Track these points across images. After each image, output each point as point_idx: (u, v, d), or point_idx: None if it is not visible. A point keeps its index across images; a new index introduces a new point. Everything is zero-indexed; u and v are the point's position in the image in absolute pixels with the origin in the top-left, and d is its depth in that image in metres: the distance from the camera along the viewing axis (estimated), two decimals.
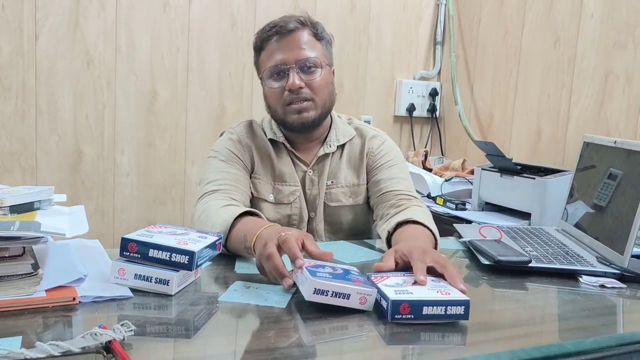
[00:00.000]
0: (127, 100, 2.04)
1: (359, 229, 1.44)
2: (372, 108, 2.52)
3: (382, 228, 1.25)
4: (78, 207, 1.04)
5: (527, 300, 0.99)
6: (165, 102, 2.10)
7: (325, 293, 0.81)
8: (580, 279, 1.07)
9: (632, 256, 1.10)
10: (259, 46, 1.34)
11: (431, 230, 1.16)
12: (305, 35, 1.31)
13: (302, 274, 0.85)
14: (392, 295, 0.81)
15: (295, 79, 1.27)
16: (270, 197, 1.36)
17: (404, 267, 0.95)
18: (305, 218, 1.39)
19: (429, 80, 2.67)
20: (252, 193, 1.36)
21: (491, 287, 1.04)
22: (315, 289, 0.81)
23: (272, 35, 1.30)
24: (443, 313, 0.80)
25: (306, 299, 0.82)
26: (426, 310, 0.80)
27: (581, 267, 1.10)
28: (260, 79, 1.36)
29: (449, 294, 0.82)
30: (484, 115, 2.45)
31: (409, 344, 0.76)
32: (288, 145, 1.38)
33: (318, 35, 1.33)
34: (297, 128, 1.32)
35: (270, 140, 1.38)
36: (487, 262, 1.11)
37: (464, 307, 0.80)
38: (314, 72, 1.30)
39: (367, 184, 1.41)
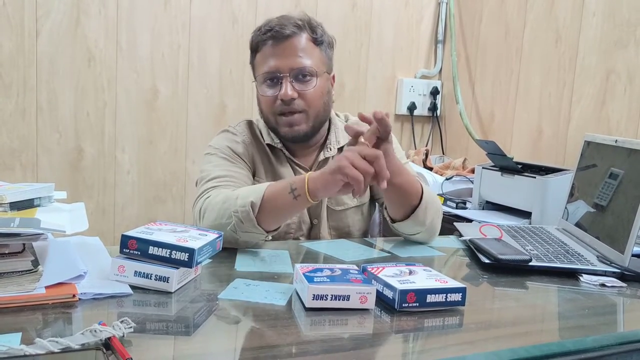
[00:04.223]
0: (127, 98, 2.04)
1: (365, 229, 1.42)
2: (373, 106, 2.52)
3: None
4: (78, 204, 1.03)
5: (528, 298, 0.99)
6: (166, 100, 2.10)
7: (324, 297, 0.82)
8: (580, 277, 1.07)
9: (633, 255, 1.10)
10: (254, 47, 1.28)
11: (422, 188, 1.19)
12: (302, 41, 1.24)
13: (300, 282, 0.85)
14: (398, 285, 0.84)
15: (288, 89, 1.21)
16: None
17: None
18: (305, 227, 1.34)
19: (430, 78, 2.67)
20: None
21: (492, 285, 1.04)
22: (314, 294, 0.81)
23: (267, 38, 1.24)
24: (444, 300, 0.85)
25: (306, 306, 0.82)
26: (429, 298, 0.84)
27: (581, 266, 1.10)
28: (254, 81, 1.31)
29: (446, 282, 0.87)
30: (485, 114, 2.44)
31: (409, 342, 0.76)
32: (286, 152, 1.33)
33: (317, 39, 1.27)
34: (289, 140, 1.28)
35: (268, 145, 1.33)
36: (487, 261, 1.11)
37: (461, 294, 0.85)
38: (309, 82, 1.25)
39: None
